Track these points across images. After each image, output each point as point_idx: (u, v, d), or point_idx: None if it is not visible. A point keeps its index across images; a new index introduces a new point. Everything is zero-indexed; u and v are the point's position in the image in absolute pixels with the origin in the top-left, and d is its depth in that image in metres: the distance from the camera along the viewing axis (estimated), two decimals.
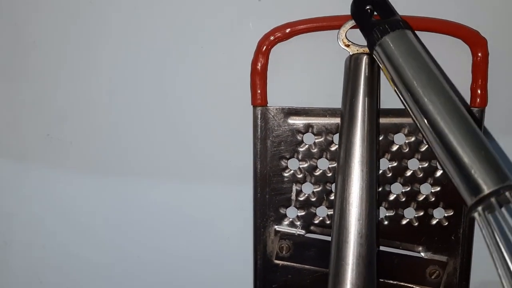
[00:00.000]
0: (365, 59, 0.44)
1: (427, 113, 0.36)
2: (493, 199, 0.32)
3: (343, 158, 0.43)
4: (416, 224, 0.49)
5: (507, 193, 0.32)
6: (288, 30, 0.46)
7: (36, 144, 0.51)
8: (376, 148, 0.44)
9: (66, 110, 0.51)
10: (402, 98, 0.39)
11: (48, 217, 0.53)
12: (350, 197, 0.42)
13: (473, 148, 0.33)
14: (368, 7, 0.43)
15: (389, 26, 0.40)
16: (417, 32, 0.45)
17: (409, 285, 0.49)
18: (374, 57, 0.41)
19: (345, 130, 0.44)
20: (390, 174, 0.48)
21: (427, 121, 0.36)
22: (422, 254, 0.49)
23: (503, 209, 0.32)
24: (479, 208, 0.32)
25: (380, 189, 0.48)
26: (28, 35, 0.49)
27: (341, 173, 0.43)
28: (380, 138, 0.47)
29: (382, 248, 0.49)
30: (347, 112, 0.44)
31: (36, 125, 0.51)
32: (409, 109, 0.38)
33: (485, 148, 0.34)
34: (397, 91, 0.39)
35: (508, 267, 0.30)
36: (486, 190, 0.32)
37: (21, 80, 0.50)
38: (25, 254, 0.53)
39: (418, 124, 0.38)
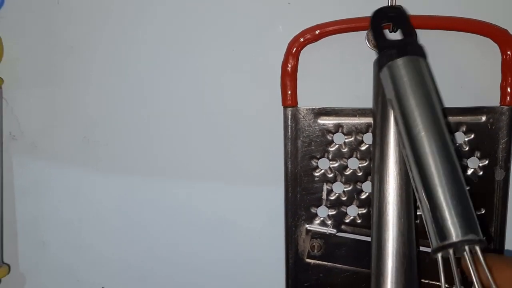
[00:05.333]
0: None
1: (417, 146, 0.37)
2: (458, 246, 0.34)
3: (378, 158, 0.43)
4: None
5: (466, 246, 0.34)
6: (317, 32, 0.47)
7: (73, 147, 0.53)
8: None
9: (102, 113, 0.52)
10: (396, 125, 0.40)
11: (85, 218, 0.54)
12: (389, 196, 0.42)
13: (453, 196, 0.35)
14: (384, 23, 0.44)
15: (399, 51, 0.40)
16: (446, 31, 0.46)
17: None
18: (380, 77, 0.42)
19: (379, 130, 0.44)
20: None
21: (415, 153, 0.37)
22: None
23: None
24: (442, 252, 0.35)
25: None
26: (66, 41, 0.51)
27: (378, 172, 0.43)
28: None
29: None
30: (379, 112, 0.44)
31: (73, 128, 0.52)
32: (400, 136, 0.40)
33: (465, 198, 0.36)
34: (394, 117, 0.40)
35: None
36: (454, 238, 0.34)
37: (58, 84, 0.52)
38: (63, 254, 0.55)
39: (404, 152, 0.39)
